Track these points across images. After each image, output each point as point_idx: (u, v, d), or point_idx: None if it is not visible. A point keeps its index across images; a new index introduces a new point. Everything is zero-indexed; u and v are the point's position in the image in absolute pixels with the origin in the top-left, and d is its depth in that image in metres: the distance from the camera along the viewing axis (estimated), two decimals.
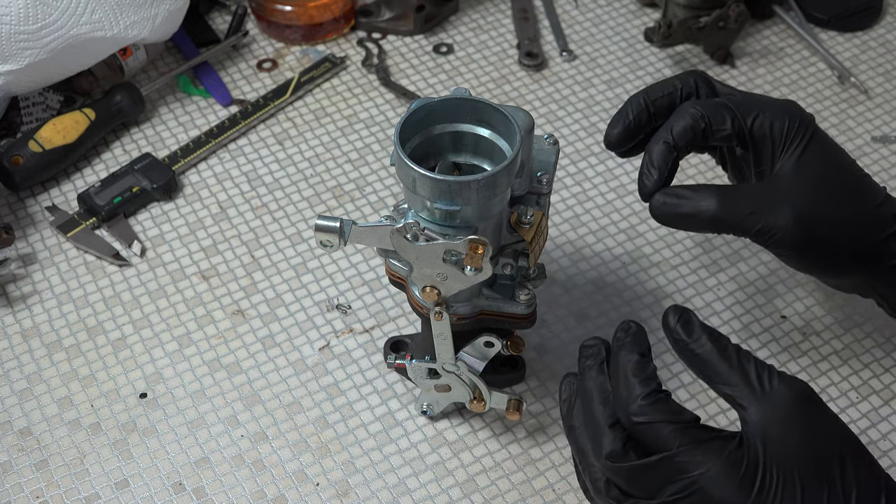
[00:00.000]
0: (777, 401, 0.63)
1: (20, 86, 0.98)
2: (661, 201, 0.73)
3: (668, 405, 0.64)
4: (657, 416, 0.63)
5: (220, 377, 0.87)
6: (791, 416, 0.62)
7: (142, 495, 0.80)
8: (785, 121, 0.73)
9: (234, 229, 0.97)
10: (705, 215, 0.72)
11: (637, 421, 0.64)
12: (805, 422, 0.63)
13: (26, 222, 0.98)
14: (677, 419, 0.63)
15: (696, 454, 0.62)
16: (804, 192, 0.72)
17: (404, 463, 0.82)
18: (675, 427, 0.63)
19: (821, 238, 0.72)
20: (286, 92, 1.08)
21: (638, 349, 0.66)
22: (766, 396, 0.63)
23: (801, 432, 0.62)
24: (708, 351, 0.64)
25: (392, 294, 0.92)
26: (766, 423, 0.62)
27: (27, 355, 0.88)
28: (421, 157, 0.73)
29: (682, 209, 0.72)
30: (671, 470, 0.62)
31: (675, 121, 0.73)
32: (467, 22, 1.17)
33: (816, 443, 0.63)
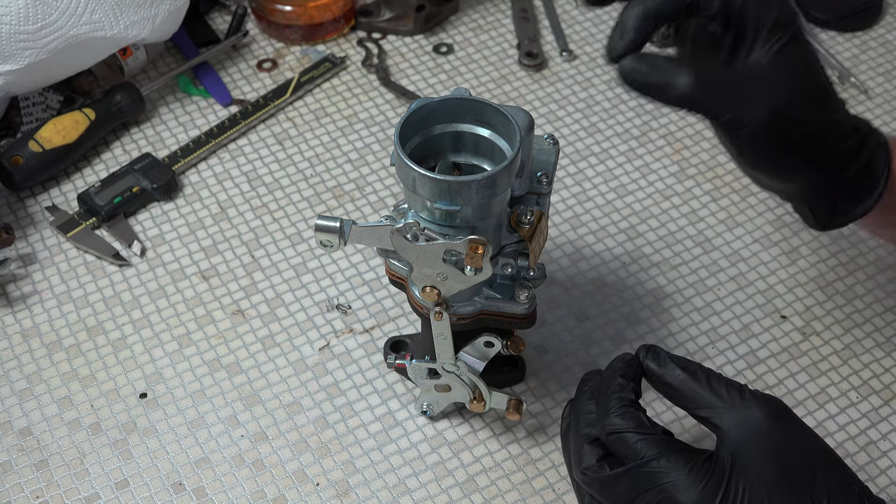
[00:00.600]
0: (749, 418, 0.65)
1: (20, 86, 0.98)
2: (632, 66, 0.68)
3: (638, 417, 0.67)
4: (626, 427, 0.67)
5: (220, 377, 0.87)
6: (763, 430, 0.65)
7: (142, 495, 0.80)
8: (773, 10, 0.69)
9: (234, 229, 0.97)
10: (678, 90, 0.67)
11: (609, 431, 0.67)
12: (776, 436, 0.65)
13: (26, 222, 0.98)
14: (645, 430, 0.66)
15: (661, 463, 0.65)
16: (781, 89, 0.69)
17: (404, 463, 0.82)
18: (643, 437, 0.66)
19: (786, 138, 0.70)
20: (286, 92, 1.08)
21: (622, 373, 0.70)
22: (739, 414, 0.65)
23: (772, 446, 0.64)
24: (679, 379, 0.68)
25: (392, 294, 0.92)
26: (739, 438, 0.64)
27: (27, 355, 0.88)
28: (421, 157, 0.73)
29: (653, 78, 0.68)
30: (640, 479, 0.65)
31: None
32: (467, 22, 1.17)
33: (787, 455, 0.64)
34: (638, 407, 0.68)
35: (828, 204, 0.75)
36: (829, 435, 0.83)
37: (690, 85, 0.67)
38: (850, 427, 0.84)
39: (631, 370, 0.70)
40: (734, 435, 0.65)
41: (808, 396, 0.86)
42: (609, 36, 0.70)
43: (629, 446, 0.66)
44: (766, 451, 0.64)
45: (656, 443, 0.66)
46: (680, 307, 0.91)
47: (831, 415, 0.85)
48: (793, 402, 0.85)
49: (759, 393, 0.66)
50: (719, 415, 0.66)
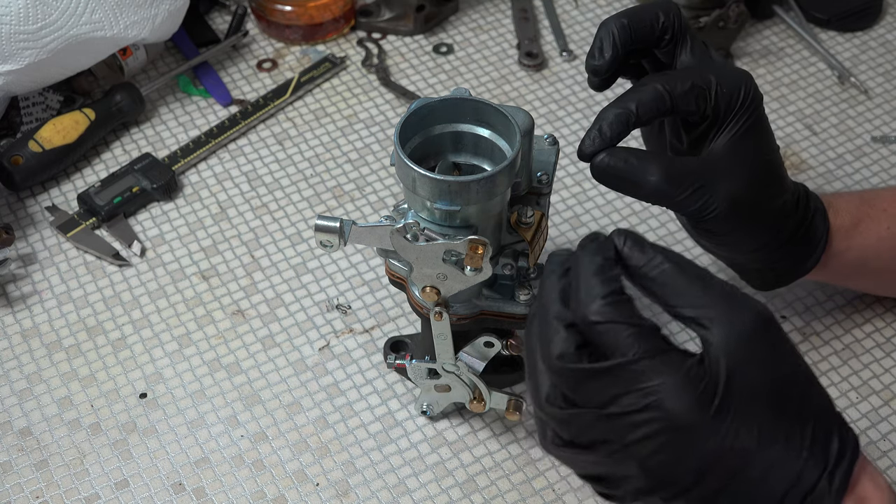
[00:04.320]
0: (741, 323, 0.57)
1: (20, 86, 0.98)
2: (606, 162, 0.70)
3: (630, 306, 0.57)
4: (617, 318, 0.57)
5: (220, 377, 0.87)
6: (755, 338, 0.57)
7: (142, 495, 0.80)
8: (739, 96, 0.73)
9: (234, 229, 0.97)
10: (648, 187, 0.71)
11: (594, 320, 0.57)
12: (767, 345, 0.57)
13: (26, 222, 0.98)
14: (638, 322, 0.57)
15: (654, 364, 0.56)
16: (740, 175, 0.73)
17: (404, 463, 0.82)
18: (634, 331, 0.57)
19: (743, 220, 0.74)
20: (286, 92, 1.08)
21: (602, 254, 0.59)
22: (730, 317, 0.57)
23: (763, 356, 0.57)
24: (665, 271, 0.58)
25: (392, 294, 0.92)
26: (730, 342, 0.56)
27: (27, 355, 0.88)
28: (421, 157, 0.73)
29: (625, 174, 0.71)
30: (626, 378, 0.56)
31: (642, 94, 0.71)
32: (467, 22, 1.17)
33: (779, 369, 0.58)
34: (627, 295, 0.58)
35: (771, 269, 0.81)
36: None
37: (660, 181, 0.71)
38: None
39: (611, 251, 0.59)
40: (725, 338, 0.56)
41: None
42: (587, 132, 0.71)
43: (619, 341, 0.57)
44: (758, 361, 0.57)
45: (650, 339, 0.57)
46: None
47: None
48: None
49: (748, 296, 0.58)
50: (709, 315, 0.57)
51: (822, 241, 0.80)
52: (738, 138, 0.73)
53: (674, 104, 0.71)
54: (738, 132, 0.73)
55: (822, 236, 0.80)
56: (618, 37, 0.73)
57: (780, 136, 1.05)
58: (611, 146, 0.71)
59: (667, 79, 0.72)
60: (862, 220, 0.82)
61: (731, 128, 0.73)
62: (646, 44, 0.74)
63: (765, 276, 0.82)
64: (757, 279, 0.83)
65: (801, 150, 1.04)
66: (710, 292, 0.57)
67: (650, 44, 0.74)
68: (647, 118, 0.71)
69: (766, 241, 0.78)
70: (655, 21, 0.74)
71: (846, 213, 0.82)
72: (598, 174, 0.71)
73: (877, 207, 0.83)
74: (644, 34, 0.74)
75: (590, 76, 0.75)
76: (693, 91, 0.72)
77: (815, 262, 0.81)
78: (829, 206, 0.81)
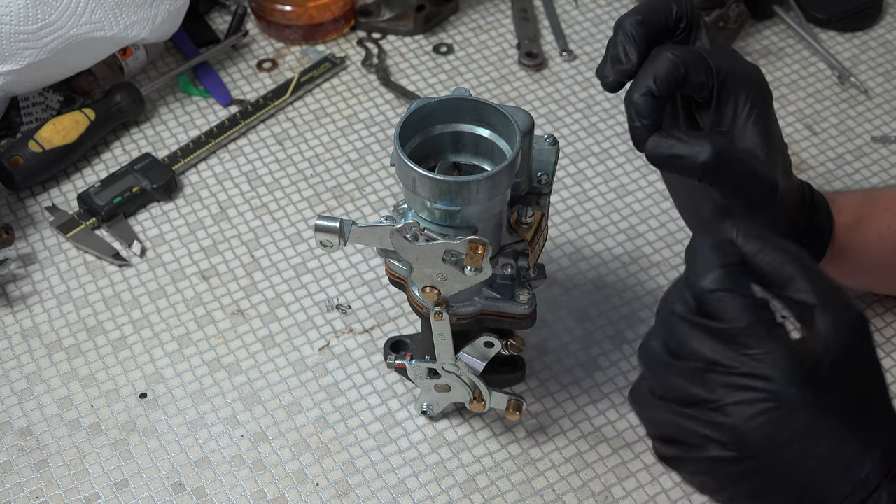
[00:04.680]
0: (848, 316, 0.58)
1: (20, 86, 0.98)
2: (658, 141, 0.71)
3: (746, 280, 0.59)
4: (731, 286, 0.58)
5: (220, 377, 0.87)
6: (857, 335, 0.59)
7: (142, 495, 0.80)
8: (753, 88, 0.73)
9: (234, 229, 0.97)
10: (699, 160, 0.70)
11: (710, 288, 0.58)
12: (864, 349, 0.59)
13: (26, 222, 0.98)
14: (751, 294, 0.59)
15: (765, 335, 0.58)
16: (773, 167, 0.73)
17: (404, 463, 0.82)
18: (748, 302, 0.58)
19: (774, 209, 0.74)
20: (286, 92, 1.08)
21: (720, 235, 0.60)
22: (838, 308, 0.58)
23: (863, 355, 0.59)
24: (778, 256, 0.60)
25: (392, 294, 0.92)
26: (838, 333, 0.58)
27: (27, 355, 0.88)
28: (421, 157, 0.73)
29: (675, 150, 0.71)
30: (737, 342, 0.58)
31: (657, 68, 0.71)
32: (467, 22, 1.17)
33: (872, 372, 0.59)
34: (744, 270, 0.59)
35: None
36: None
37: (711, 155, 0.70)
38: None
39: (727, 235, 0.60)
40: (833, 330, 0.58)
41: None
42: (630, 125, 0.71)
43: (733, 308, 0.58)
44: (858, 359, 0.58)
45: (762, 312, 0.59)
46: None
47: None
48: None
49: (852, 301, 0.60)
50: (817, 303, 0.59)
51: (827, 237, 0.80)
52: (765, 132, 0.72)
53: (686, 72, 0.71)
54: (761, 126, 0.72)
55: (827, 231, 0.80)
56: (637, 35, 0.72)
57: None
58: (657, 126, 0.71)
59: (675, 47, 0.72)
60: (864, 217, 0.82)
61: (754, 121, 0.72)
62: (663, 36, 0.74)
63: None
64: None
65: (801, 150, 1.04)
66: (820, 282, 0.59)
67: (666, 35, 0.74)
68: (665, 89, 0.71)
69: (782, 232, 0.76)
70: (669, 13, 0.73)
71: (848, 211, 0.81)
72: (651, 153, 0.71)
73: (879, 206, 0.83)
74: (660, 27, 0.73)
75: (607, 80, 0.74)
76: (702, 61, 0.71)
77: (821, 257, 0.81)
78: (832, 204, 0.81)
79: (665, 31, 0.74)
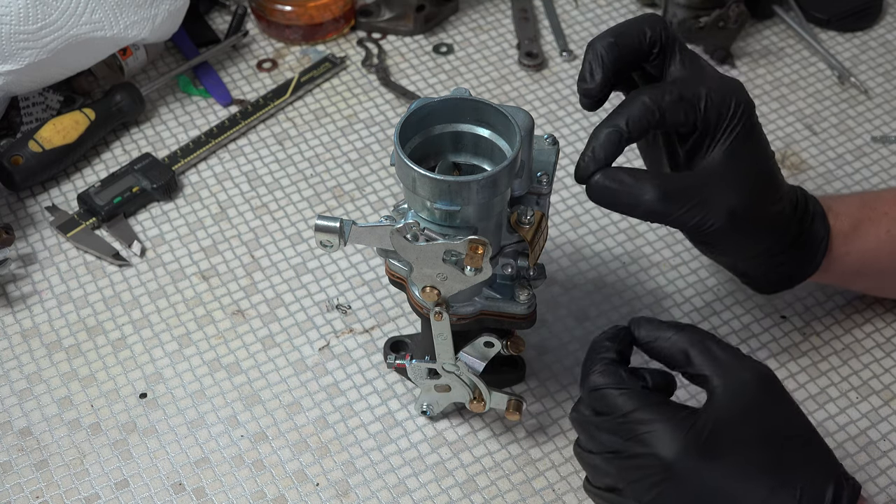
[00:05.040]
0: (741, 381, 0.65)
1: (20, 86, 0.98)
2: (602, 183, 0.71)
3: (617, 373, 0.67)
4: (606, 383, 0.67)
5: (220, 377, 0.87)
6: (752, 395, 0.65)
7: (142, 495, 0.80)
8: (730, 106, 0.73)
9: (234, 229, 0.97)
10: (644, 206, 0.71)
11: (590, 388, 0.67)
12: (764, 404, 0.65)
13: (26, 222, 0.98)
14: (624, 385, 0.66)
15: (647, 413, 0.65)
16: (736, 187, 0.73)
17: (404, 463, 0.82)
18: (622, 392, 0.66)
19: (742, 230, 0.74)
20: (286, 92, 1.08)
21: (609, 336, 0.70)
22: (731, 376, 0.65)
23: (758, 411, 0.65)
24: (673, 343, 0.68)
25: (392, 294, 0.92)
26: (727, 399, 0.64)
27: (27, 355, 0.88)
28: (421, 157, 0.73)
29: (620, 196, 0.71)
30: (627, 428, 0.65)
31: (631, 110, 0.71)
32: (467, 22, 1.17)
33: (773, 423, 0.65)
34: (619, 363, 0.68)
35: (773, 274, 0.81)
36: (829, 435, 0.83)
37: (656, 200, 0.71)
38: (850, 427, 0.84)
39: (617, 336, 0.70)
40: (722, 395, 0.65)
41: (808, 396, 0.86)
42: (582, 154, 0.72)
43: (609, 402, 0.66)
44: (752, 416, 0.64)
45: (635, 396, 0.66)
46: (680, 307, 0.91)
47: (831, 415, 0.85)
48: None
49: (752, 358, 0.67)
50: (712, 374, 0.65)
51: (823, 245, 0.80)
52: (732, 149, 0.73)
53: (663, 117, 0.71)
54: (731, 143, 0.73)
55: (822, 240, 0.80)
56: (606, 58, 0.73)
57: (780, 135, 1.05)
58: (605, 166, 0.71)
59: (654, 92, 0.72)
60: (862, 222, 0.82)
61: (724, 139, 0.73)
62: (635, 60, 0.74)
63: (767, 281, 0.82)
64: (759, 284, 0.83)
65: (801, 150, 1.04)
66: (714, 356, 0.66)
67: (639, 59, 0.74)
68: (637, 134, 0.71)
69: (766, 246, 0.78)
70: (642, 36, 0.73)
71: (846, 217, 0.81)
72: (593, 195, 0.72)
73: (877, 210, 0.83)
74: (632, 51, 0.73)
75: (581, 98, 0.75)
76: (681, 103, 0.72)
77: (817, 267, 0.81)
78: (829, 210, 0.81)
79: (638, 55, 0.74)
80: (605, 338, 0.70)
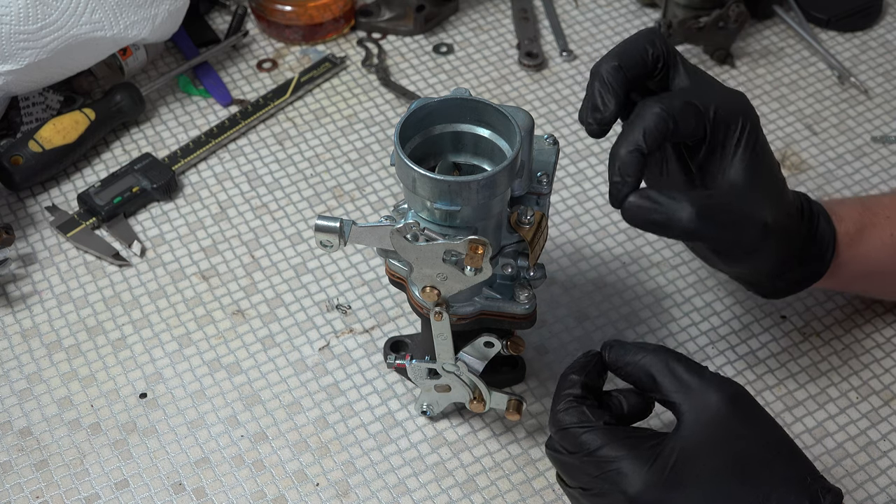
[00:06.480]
0: (706, 403, 0.66)
1: (20, 86, 0.98)
2: (637, 204, 0.70)
3: (581, 411, 0.68)
4: (570, 422, 0.68)
5: (220, 377, 0.87)
6: (718, 417, 0.65)
7: (142, 495, 0.80)
8: (738, 118, 0.72)
9: (234, 229, 0.97)
10: (679, 225, 0.70)
11: (557, 428, 0.69)
12: (732, 424, 0.65)
13: (26, 222, 0.98)
14: (588, 424, 0.68)
15: (605, 451, 0.66)
16: (766, 201, 0.73)
17: (404, 463, 0.82)
18: (586, 430, 0.67)
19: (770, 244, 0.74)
20: (286, 92, 1.08)
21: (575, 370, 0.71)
22: (696, 399, 0.66)
23: (726, 434, 0.65)
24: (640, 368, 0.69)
25: (392, 294, 0.92)
26: (693, 424, 0.65)
27: (27, 355, 0.88)
28: (421, 157, 0.73)
29: (655, 216, 0.70)
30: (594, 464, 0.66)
31: (646, 122, 0.70)
32: (467, 22, 1.17)
33: (740, 444, 0.65)
34: (584, 399, 0.69)
35: (781, 280, 0.80)
36: (829, 435, 0.83)
37: (692, 219, 0.70)
38: (850, 427, 0.84)
39: (585, 367, 0.71)
40: (689, 420, 0.65)
41: (808, 396, 0.86)
42: (610, 180, 0.71)
43: (575, 441, 0.67)
44: (719, 438, 0.65)
45: (599, 434, 0.67)
46: (680, 307, 0.91)
47: (831, 415, 0.85)
48: (793, 402, 0.85)
49: (720, 377, 0.67)
50: (678, 399, 0.66)
51: (830, 250, 0.80)
52: (750, 163, 0.72)
53: (676, 126, 0.70)
54: (748, 157, 0.72)
55: (829, 244, 0.80)
56: (615, 83, 0.71)
57: (780, 135, 1.05)
58: (636, 187, 0.70)
59: (663, 100, 0.71)
60: (865, 227, 0.81)
61: (739, 153, 0.72)
62: (641, 79, 0.73)
63: (774, 288, 0.81)
64: (766, 291, 0.82)
65: (801, 150, 1.04)
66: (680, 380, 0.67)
67: (644, 78, 0.73)
68: (654, 146, 0.70)
69: (781, 256, 0.76)
70: (645, 54, 0.72)
71: (849, 221, 0.81)
72: (629, 216, 0.71)
73: (879, 214, 0.82)
74: (638, 71, 0.72)
75: (591, 126, 0.73)
76: (691, 107, 0.71)
77: (825, 271, 0.80)
78: (832, 214, 0.81)
79: (643, 74, 0.73)
80: (572, 371, 0.71)
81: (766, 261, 0.76)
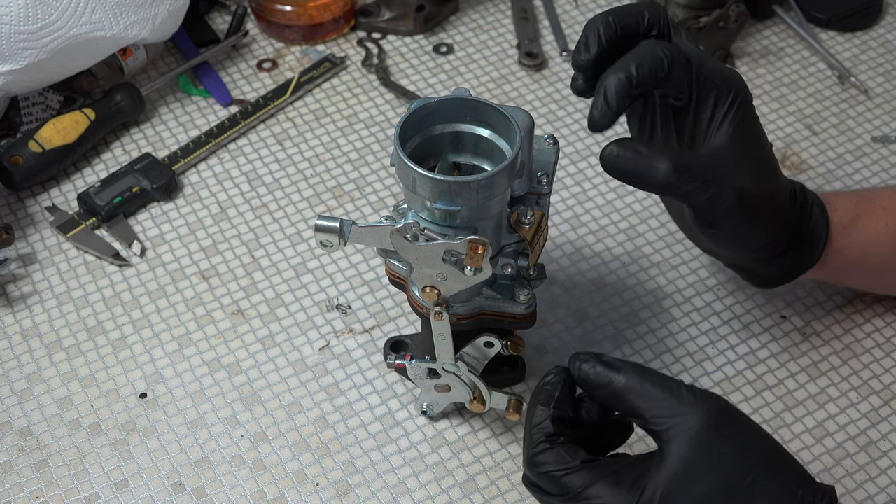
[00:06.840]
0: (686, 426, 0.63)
1: (20, 86, 0.98)
2: (615, 153, 0.71)
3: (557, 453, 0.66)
4: (548, 466, 0.66)
5: (220, 377, 0.87)
6: (700, 439, 0.63)
7: (142, 495, 0.80)
8: (731, 91, 0.73)
9: (234, 229, 0.97)
10: (658, 178, 0.70)
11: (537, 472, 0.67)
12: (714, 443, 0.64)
13: (26, 222, 0.98)
14: (567, 466, 0.65)
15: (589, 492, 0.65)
16: (744, 167, 0.73)
17: (404, 463, 0.82)
18: (566, 473, 0.65)
19: (748, 213, 0.74)
20: (286, 92, 1.08)
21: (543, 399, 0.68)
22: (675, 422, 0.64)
23: (708, 454, 0.63)
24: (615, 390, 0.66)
25: (392, 294, 0.92)
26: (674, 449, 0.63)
27: (27, 355, 0.88)
28: (421, 157, 0.73)
29: (634, 165, 0.70)
30: None
31: (640, 58, 0.70)
32: (467, 22, 1.17)
33: (724, 463, 0.63)
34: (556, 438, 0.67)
35: (774, 267, 0.80)
36: (829, 435, 0.83)
37: (669, 172, 0.70)
38: (850, 427, 0.84)
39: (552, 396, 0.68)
40: (672, 450, 0.63)
41: (808, 396, 0.86)
42: (592, 103, 0.71)
43: (556, 484, 0.66)
44: (703, 463, 0.63)
45: (579, 476, 0.65)
46: (680, 307, 0.91)
47: (831, 415, 0.85)
48: (793, 402, 0.85)
49: (697, 392, 0.65)
50: (658, 426, 0.64)
51: (824, 236, 0.80)
52: (736, 133, 0.73)
53: (669, 71, 0.70)
54: (735, 127, 0.73)
55: (822, 231, 0.80)
56: (603, 33, 0.72)
57: (780, 135, 1.05)
58: (617, 117, 0.70)
59: (662, 43, 0.71)
60: (860, 216, 0.82)
61: (727, 122, 0.73)
62: (631, 39, 0.73)
63: (768, 275, 0.82)
64: (758, 278, 0.83)
65: (801, 150, 1.04)
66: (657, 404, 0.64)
67: (636, 39, 0.73)
68: (645, 81, 0.70)
69: (769, 238, 0.77)
70: (640, 17, 0.73)
71: (844, 210, 0.81)
72: (608, 165, 0.71)
73: (875, 205, 0.83)
74: (630, 30, 0.73)
75: (575, 76, 0.74)
76: (686, 62, 0.71)
77: (817, 258, 0.81)
78: (827, 203, 0.81)
79: (635, 35, 0.73)
80: (540, 399, 0.68)
81: (751, 239, 0.76)
